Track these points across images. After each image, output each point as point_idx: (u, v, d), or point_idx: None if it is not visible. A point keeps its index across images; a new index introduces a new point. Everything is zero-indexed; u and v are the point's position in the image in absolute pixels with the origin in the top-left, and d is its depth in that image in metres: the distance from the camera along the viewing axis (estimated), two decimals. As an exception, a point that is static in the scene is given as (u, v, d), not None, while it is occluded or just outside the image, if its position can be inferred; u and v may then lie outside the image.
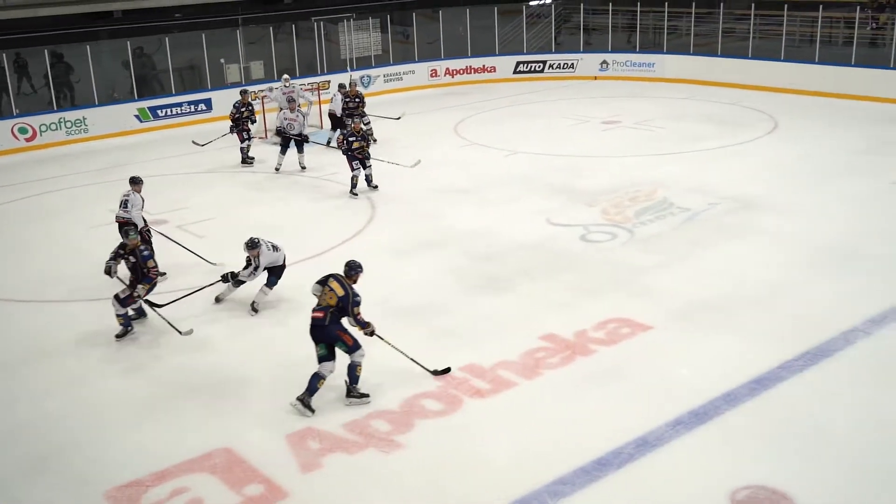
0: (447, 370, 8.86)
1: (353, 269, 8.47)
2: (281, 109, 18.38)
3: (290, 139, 16.84)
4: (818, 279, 10.81)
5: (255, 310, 10.54)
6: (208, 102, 22.64)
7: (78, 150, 20.18)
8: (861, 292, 10.36)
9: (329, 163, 17.48)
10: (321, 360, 8.26)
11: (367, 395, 8.41)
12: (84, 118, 21.05)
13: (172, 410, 8.45)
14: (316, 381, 8.23)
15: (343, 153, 15.02)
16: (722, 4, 24.76)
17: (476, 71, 26.90)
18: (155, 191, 15.89)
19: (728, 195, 14.19)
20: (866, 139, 17.72)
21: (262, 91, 20.47)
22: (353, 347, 8.30)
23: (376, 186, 15.27)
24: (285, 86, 19.36)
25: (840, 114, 20.07)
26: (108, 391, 8.91)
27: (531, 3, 29.25)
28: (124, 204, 11.64)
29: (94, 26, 24.11)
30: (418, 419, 8.07)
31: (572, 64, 26.74)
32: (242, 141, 17.75)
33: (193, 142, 19.04)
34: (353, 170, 14.95)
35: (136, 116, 21.75)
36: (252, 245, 10.39)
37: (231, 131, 17.85)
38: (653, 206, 13.85)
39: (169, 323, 9.84)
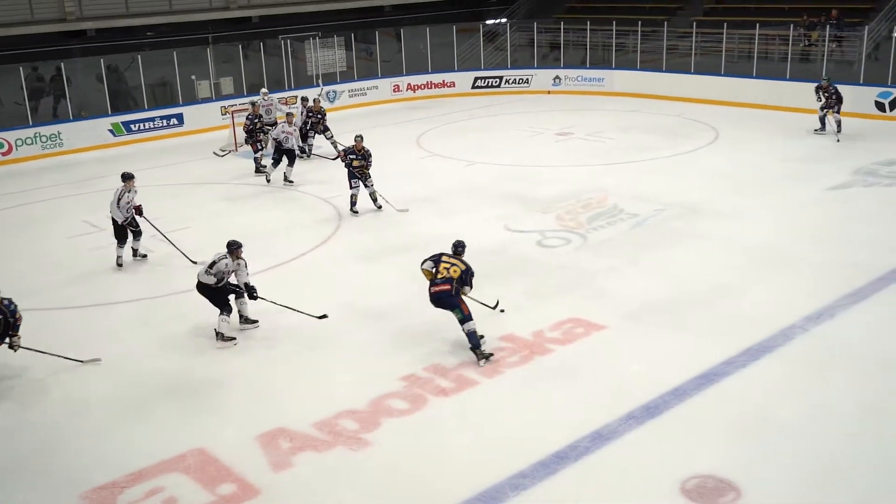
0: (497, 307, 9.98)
1: (462, 246, 9.45)
2: (276, 123, 18.37)
3: (284, 151, 16.54)
4: (758, 280, 10.93)
5: (225, 338, 9.68)
6: (180, 117, 22.37)
7: (53, 163, 19.81)
8: (797, 292, 10.49)
9: (298, 172, 17.37)
10: (463, 321, 9.02)
11: (492, 354, 9.06)
12: (59, 133, 20.67)
13: (146, 412, 8.30)
14: (475, 336, 8.97)
15: (346, 166, 14.38)
16: (666, 23, 25.07)
17: (436, 86, 26.90)
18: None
19: (673, 201, 14.31)
20: (800, 148, 17.99)
21: (244, 105, 20.35)
22: (467, 316, 9.05)
23: (380, 207, 14.34)
24: (263, 99, 19.20)
25: (776, 124, 20.37)
26: (81, 394, 8.72)
27: (488, 22, 29.42)
28: (117, 200, 12.09)
29: (68, 44, 23.74)
30: (385, 418, 8.00)
31: (527, 79, 26.85)
32: (256, 151, 17.72)
33: (214, 152, 19.02)
34: (351, 188, 14.23)
35: (110, 131, 21.41)
36: (230, 248, 9.87)
37: (245, 142, 17.85)
38: (604, 212, 13.92)
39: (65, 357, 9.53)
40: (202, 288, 9.83)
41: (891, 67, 20.80)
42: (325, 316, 10.14)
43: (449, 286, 9.11)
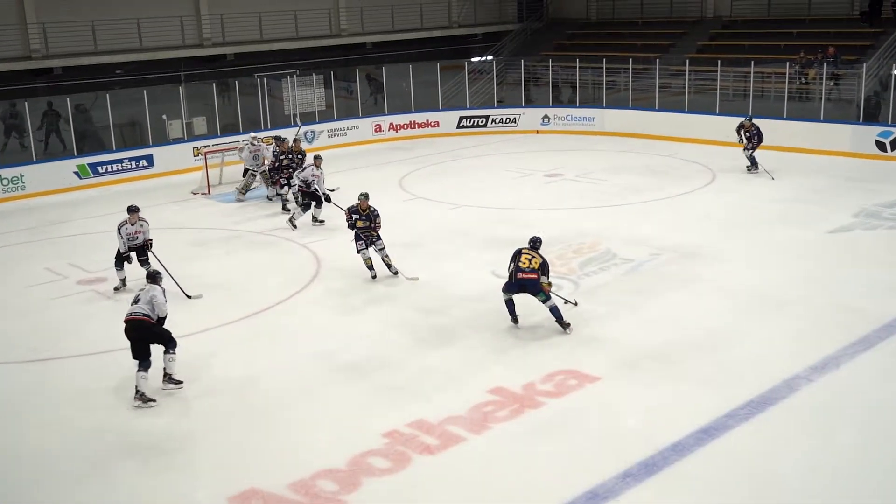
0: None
1: (540, 241, 11.36)
2: (264, 165, 18.77)
3: (315, 196, 16.32)
4: (758, 326, 10.93)
5: (144, 399, 9.40)
6: (150, 159, 22.36)
7: (15, 207, 19.68)
8: (801, 339, 10.49)
9: (271, 215, 17.35)
10: (546, 300, 10.95)
11: (570, 324, 10.97)
12: (21, 175, 20.58)
13: (113, 471, 8.12)
14: (558, 311, 10.98)
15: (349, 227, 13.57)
16: (658, 61, 25.41)
17: (420, 126, 27.08)
18: (93, 249, 15.60)
19: (669, 245, 14.36)
20: (799, 189, 18.17)
21: (217, 146, 20.46)
22: (549, 296, 10.97)
23: (396, 272, 13.35)
24: (252, 144, 19.20)
25: (773, 165, 20.57)
26: (45, 451, 8.54)
27: (473, 60, 29.73)
28: (118, 229, 13.07)
29: (34, 83, 23.78)
30: (366, 477, 7.87)
31: (514, 118, 27.08)
32: (281, 187, 17.96)
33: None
34: (358, 251, 13.33)
35: (76, 173, 21.34)
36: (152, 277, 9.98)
37: (269, 182, 18.21)
38: (597, 257, 13.94)
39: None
40: (132, 328, 9.54)
41: (891, 106, 21.13)
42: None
43: (535, 275, 11.05)
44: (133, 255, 13.22)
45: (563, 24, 32.77)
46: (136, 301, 9.74)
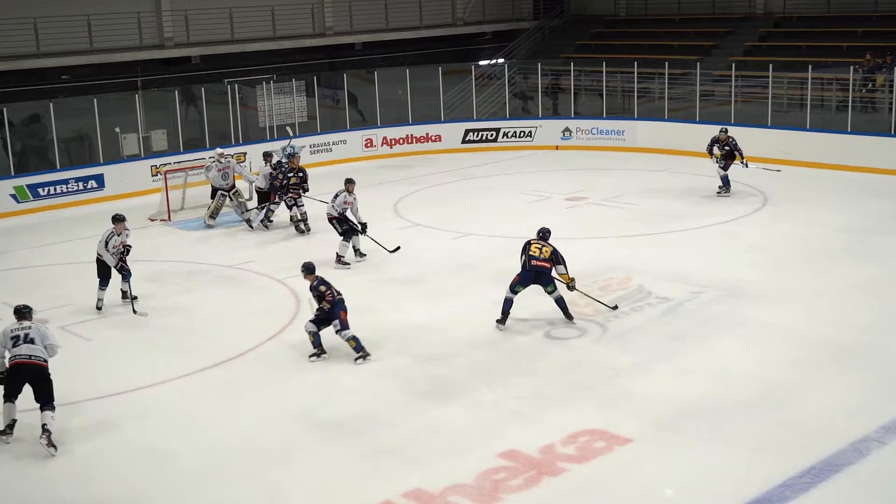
0: None
1: (549, 232, 13.11)
2: (234, 187, 19.11)
3: (345, 222, 16.30)
4: (820, 379, 10.88)
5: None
6: (100, 179, 22.45)
7: (-61, 236, 19.74)
8: (870, 395, 10.43)
9: (246, 246, 17.37)
10: (553, 292, 12.74)
11: (572, 317, 12.82)
12: (-54, 199, 20.73)
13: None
14: (564, 302, 12.80)
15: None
16: (699, 64, 25.52)
17: (418, 140, 27.21)
18: (32, 284, 15.61)
19: (713, 282, 14.36)
20: (866, 216, 18.18)
21: (180, 164, 20.60)
22: (556, 287, 12.71)
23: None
24: (220, 161, 19.28)
25: (836, 187, 20.61)
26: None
27: (481, 63, 29.92)
28: (105, 242, 13.97)
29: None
30: (352, 559, 7.81)
31: (530, 132, 27.22)
32: (289, 207, 18.31)
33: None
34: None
35: (13, 196, 21.43)
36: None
37: (275, 200, 18.54)
38: (627, 295, 13.92)
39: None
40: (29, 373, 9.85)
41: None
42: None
43: (549, 264, 12.68)
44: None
45: (588, 22, 33.05)
46: (25, 340, 9.89)
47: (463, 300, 14.09)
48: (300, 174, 18.43)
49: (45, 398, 9.77)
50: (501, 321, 12.79)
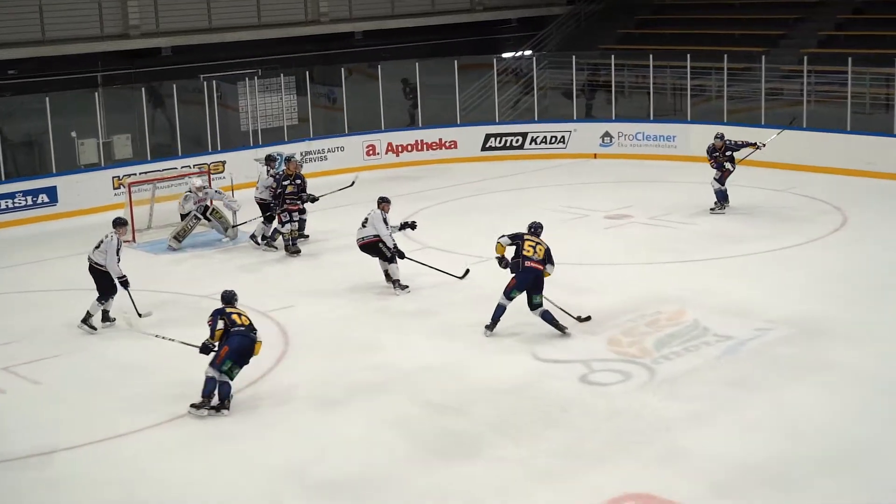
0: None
1: (541, 227, 14.07)
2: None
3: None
4: (914, 434, 10.84)
5: None
6: (52, 192, 22.52)
7: None
8: (975, 452, 10.37)
9: (226, 272, 17.39)
10: (540, 306, 13.69)
11: (567, 327, 13.86)
12: None
13: None
14: (550, 315, 13.73)
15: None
16: (764, 57, 25.45)
17: (430, 147, 27.26)
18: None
19: (782, 317, 14.31)
20: (967, 239, 18.16)
21: (147, 175, 20.81)
22: (542, 302, 13.65)
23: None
24: (198, 194, 19.38)
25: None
26: None
27: (504, 56, 29.97)
28: (98, 246, 14.70)
29: None
30: None
31: (563, 137, 27.23)
32: (283, 223, 18.45)
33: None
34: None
35: (-54, 213, 21.60)
36: None
37: (270, 214, 18.74)
38: (680, 332, 13.88)
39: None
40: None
41: None
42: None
43: (542, 266, 13.56)
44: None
45: (631, 7, 33.04)
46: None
47: (481, 338, 14.07)
48: (297, 181, 18.49)
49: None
50: (490, 327, 13.95)
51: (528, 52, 30.49)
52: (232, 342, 11.77)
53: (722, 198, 20.45)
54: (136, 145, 24.44)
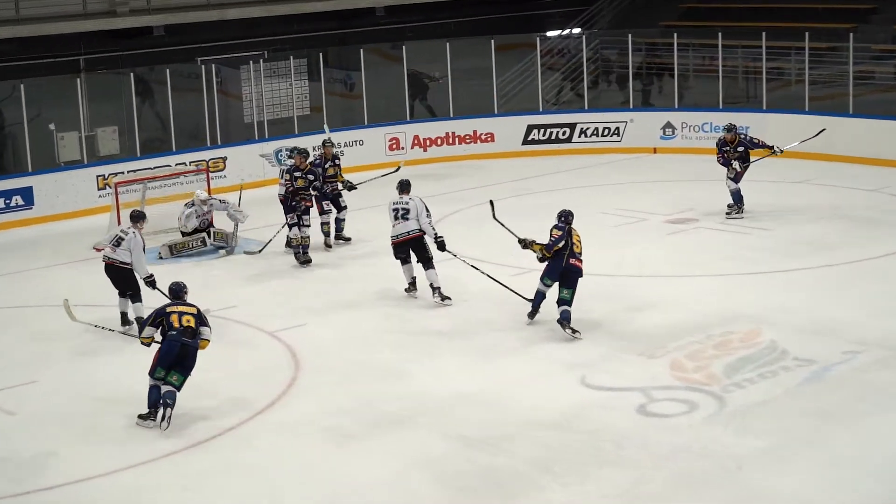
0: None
1: (572, 214, 15.14)
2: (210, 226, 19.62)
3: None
4: None
5: None
6: (27, 194, 22.67)
7: None
8: None
9: (225, 284, 17.47)
10: (570, 303, 14.68)
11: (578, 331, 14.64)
12: None
13: None
14: (569, 313, 14.66)
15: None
16: (852, 35, 25.29)
17: (462, 140, 27.30)
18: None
19: (874, 339, 14.24)
20: None
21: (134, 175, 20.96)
22: (572, 298, 14.76)
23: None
24: (202, 206, 19.62)
25: None
26: None
27: (549, 35, 29.94)
28: (117, 242, 15.47)
29: None
30: None
31: (617, 129, 27.21)
32: (291, 226, 18.68)
33: (246, 252, 19.74)
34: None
35: None
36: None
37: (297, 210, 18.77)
38: (754, 356, 13.82)
39: None
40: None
41: None
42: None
43: (582, 263, 14.77)
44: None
45: (696, -23, 33.04)
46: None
47: (525, 362, 14.09)
48: (309, 176, 18.71)
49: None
50: (531, 315, 15.24)
51: (576, 31, 30.48)
52: (161, 348, 12.48)
53: (738, 200, 20.52)
54: (124, 139, 24.56)
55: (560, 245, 14.69)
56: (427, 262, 16.47)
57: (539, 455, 11.47)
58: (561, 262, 14.69)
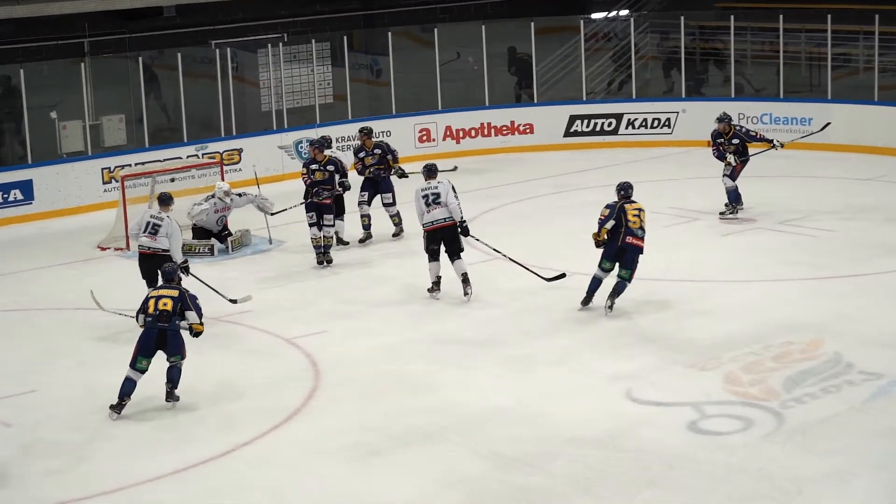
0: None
1: (629, 188, 15.62)
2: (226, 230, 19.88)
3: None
4: None
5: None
6: (27, 187, 22.77)
7: None
8: None
9: (241, 285, 17.53)
10: (608, 272, 15.67)
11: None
12: None
13: None
14: (596, 286, 15.79)
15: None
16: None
17: (499, 131, 27.29)
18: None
19: (950, 350, 14.19)
20: None
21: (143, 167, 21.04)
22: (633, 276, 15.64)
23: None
24: (223, 200, 19.70)
25: None
26: None
27: (593, 17, 29.88)
28: (153, 229, 15.95)
29: None
30: None
31: (668, 120, 27.16)
32: (311, 225, 18.70)
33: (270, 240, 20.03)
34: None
35: None
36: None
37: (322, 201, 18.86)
38: (816, 368, 13.78)
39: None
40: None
41: None
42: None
43: (643, 242, 15.36)
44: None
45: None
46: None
47: (565, 373, 14.08)
48: (328, 167, 18.73)
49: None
50: (585, 301, 15.92)
51: (623, 12, 30.41)
52: (140, 337, 13.18)
53: (734, 198, 20.54)
54: (132, 129, 24.62)
55: (609, 225, 15.20)
56: (457, 254, 16.62)
57: (579, 475, 11.44)
58: (616, 242, 15.24)
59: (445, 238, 16.57)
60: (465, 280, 16.62)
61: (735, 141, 20.41)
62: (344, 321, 16.19)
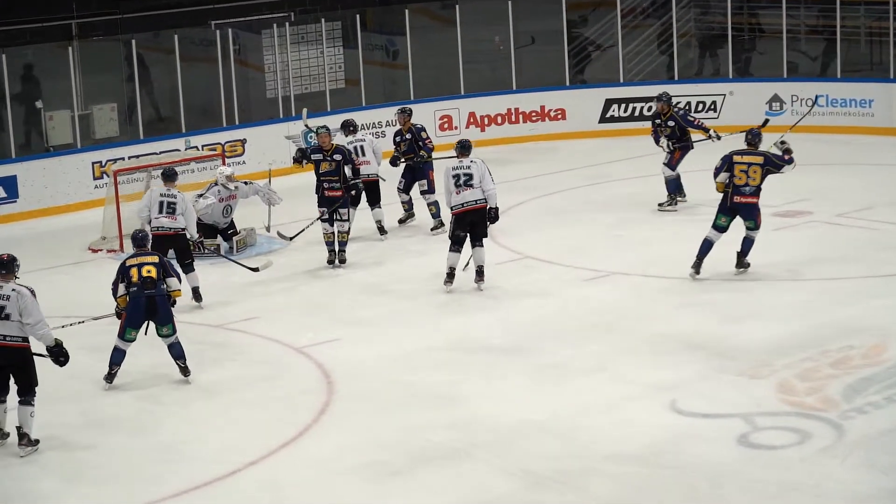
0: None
1: (759, 135, 16.56)
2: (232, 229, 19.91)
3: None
4: None
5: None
6: (11, 184, 22.85)
7: None
8: None
9: (246, 292, 17.56)
10: (721, 230, 16.93)
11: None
12: None
13: None
14: (707, 249, 16.94)
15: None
16: None
17: (528, 118, 27.31)
18: None
19: None
20: None
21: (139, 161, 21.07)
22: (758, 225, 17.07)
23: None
24: (227, 187, 19.73)
25: None
26: None
27: (630, -10, 29.91)
28: (170, 208, 16.53)
29: None
30: None
31: (713, 103, 27.13)
32: (323, 221, 18.75)
33: (279, 234, 19.99)
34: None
35: None
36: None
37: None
38: (878, 375, 13.77)
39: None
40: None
41: None
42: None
43: (756, 198, 16.30)
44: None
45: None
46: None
47: (602, 383, 14.08)
48: (336, 157, 18.74)
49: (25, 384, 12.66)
50: (696, 266, 16.88)
51: (664, -15, 30.41)
52: (128, 307, 13.89)
53: (674, 188, 20.77)
54: (124, 120, 24.68)
55: (721, 178, 16.70)
56: (479, 241, 16.88)
57: (619, 494, 11.47)
58: (727, 202, 16.63)
59: (473, 221, 16.73)
60: (480, 272, 16.89)
61: (671, 123, 20.62)
62: (358, 328, 16.21)
